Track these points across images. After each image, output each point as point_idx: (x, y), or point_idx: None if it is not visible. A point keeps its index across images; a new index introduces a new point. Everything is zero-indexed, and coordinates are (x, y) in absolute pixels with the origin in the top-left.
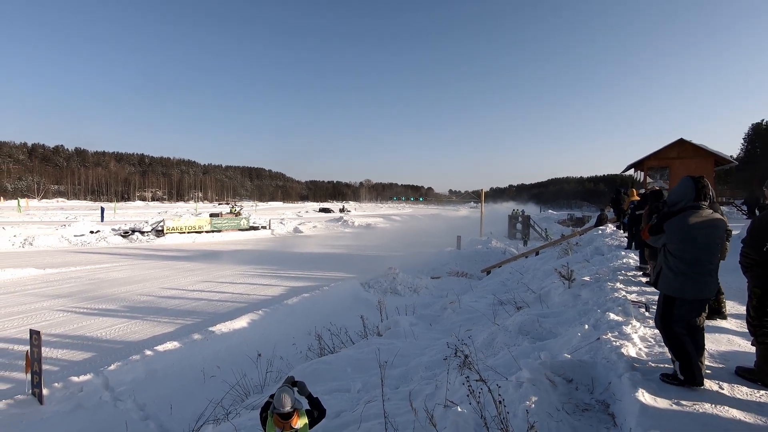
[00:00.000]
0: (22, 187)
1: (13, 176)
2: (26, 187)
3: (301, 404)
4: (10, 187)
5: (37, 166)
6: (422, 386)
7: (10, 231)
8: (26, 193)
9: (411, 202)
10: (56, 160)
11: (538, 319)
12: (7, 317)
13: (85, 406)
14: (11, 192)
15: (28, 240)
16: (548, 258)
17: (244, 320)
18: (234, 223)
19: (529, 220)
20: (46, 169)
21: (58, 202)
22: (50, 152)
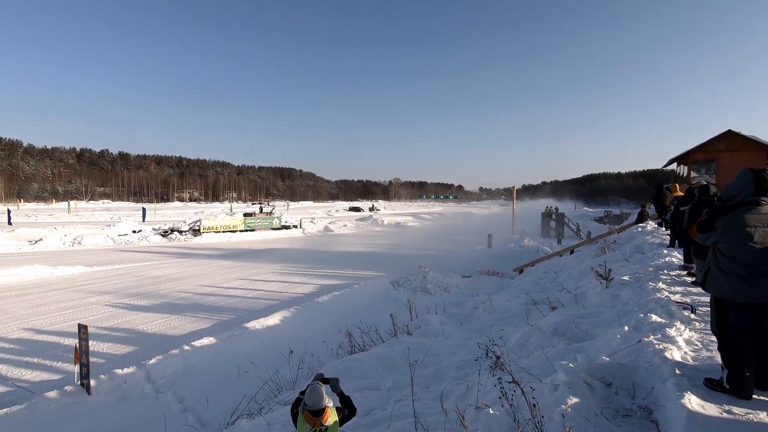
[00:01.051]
0: (72, 190)
1: (63, 179)
2: (75, 189)
3: (332, 401)
4: (61, 190)
5: (84, 170)
6: (453, 386)
7: (62, 231)
8: (75, 195)
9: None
10: (102, 163)
11: (574, 319)
12: (59, 312)
13: (129, 398)
14: (62, 194)
15: (77, 239)
16: (584, 257)
17: (277, 317)
18: (266, 223)
19: (563, 218)
20: (92, 173)
21: (104, 204)
22: (96, 156)
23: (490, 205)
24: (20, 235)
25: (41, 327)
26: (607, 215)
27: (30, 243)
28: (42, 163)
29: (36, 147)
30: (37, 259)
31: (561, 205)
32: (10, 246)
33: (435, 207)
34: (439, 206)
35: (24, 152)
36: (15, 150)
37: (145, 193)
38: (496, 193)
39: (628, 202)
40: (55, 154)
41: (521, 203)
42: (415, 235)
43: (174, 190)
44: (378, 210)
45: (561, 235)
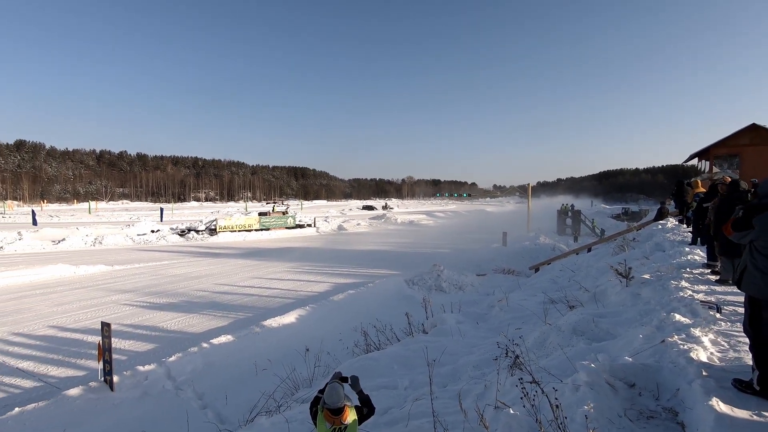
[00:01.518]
0: (92, 191)
1: (84, 180)
2: (95, 190)
3: (351, 400)
4: (82, 191)
5: (104, 171)
6: (471, 385)
7: (83, 231)
8: (95, 195)
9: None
10: (121, 164)
11: (594, 319)
12: (81, 310)
13: (150, 394)
14: (83, 195)
15: (98, 239)
16: (602, 255)
17: (293, 316)
18: (281, 222)
19: (579, 215)
20: (112, 174)
21: (123, 204)
22: (115, 158)
23: (504, 203)
24: (44, 235)
25: (65, 325)
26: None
27: (54, 243)
28: (64, 165)
29: (58, 149)
30: (61, 259)
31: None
32: (35, 246)
33: (449, 205)
34: (453, 204)
35: (47, 154)
36: (38, 152)
37: (162, 193)
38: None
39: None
40: (76, 156)
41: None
42: (429, 233)
43: (190, 190)
44: (391, 208)
45: (577, 233)
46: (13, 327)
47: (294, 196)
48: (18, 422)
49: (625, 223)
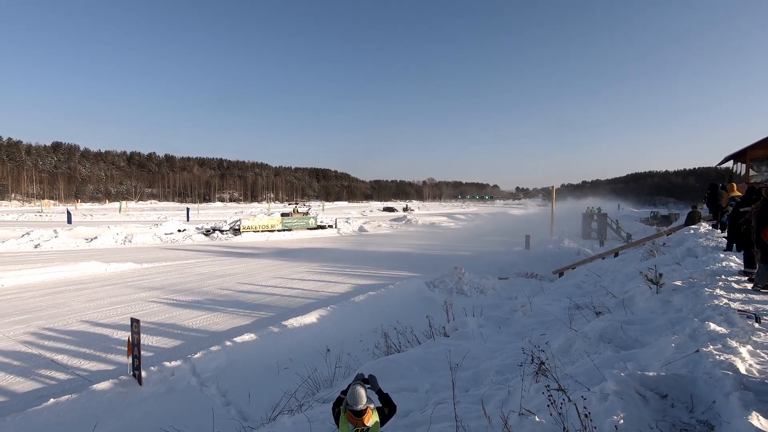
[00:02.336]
0: (123, 191)
1: (115, 181)
2: (126, 190)
3: (373, 402)
4: (113, 191)
5: (134, 172)
6: (494, 391)
7: (114, 230)
8: (126, 195)
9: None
10: (149, 166)
11: (622, 326)
12: (112, 306)
13: (176, 390)
14: (114, 195)
15: (127, 237)
16: (630, 260)
17: (314, 316)
18: (303, 223)
19: (606, 219)
20: (141, 174)
21: (151, 204)
22: (145, 159)
23: (527, 206)
24: (78, 234)
25: (96, 320)
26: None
27: (86, 241)
28: (96, 166)
29: (91, 151)
30: (93, 256)
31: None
32: (69, 243)
33: (470, 207)
34: (474, 206)
35: (81, 156)
36: (73, 154)
37: (188, 193)
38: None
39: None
40: (108, 158)
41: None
42: (449, 235)
43: (215, 190)
44: (412, 210)
45: (603, 237)
46: (49, 321)
47: (315, 198)
48: (53, 413)
49: (653, 228)
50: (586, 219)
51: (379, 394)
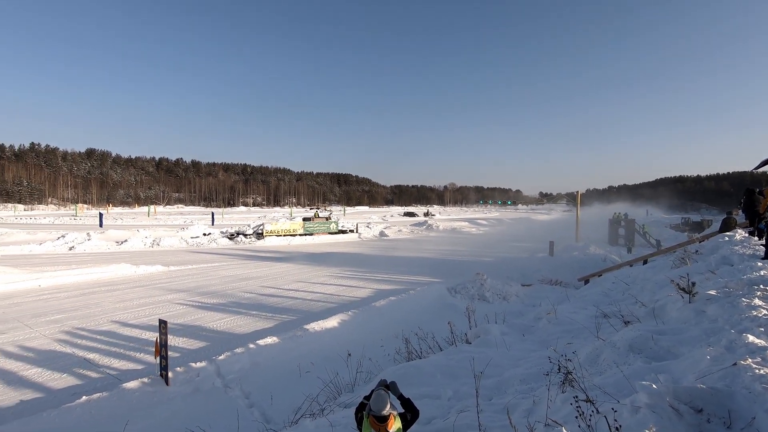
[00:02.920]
0: (151, 195)
1: (144, 186)
2: (154, 195)
3: (396, 408)
4: (143, 195)
5: (162, 177)
6: (518, 400)
7: (143, 233)
8: (154, 200)
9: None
10: (177, 171)
11: (653, 336)
12: (140, 307)
13: (201, 390)
14: (143, 199)
15: (155, 241)
16: (660, 267)
17: (335, 320)
18: (324, 227)
19: (633, 225)
20: (169, 180)
21: (178, 208)
22: (172, 164)
23: (551, 211)
24: (109, 236)
25: (126, 320)
26: (685, 222)
27: (117, 243)
28: (127, 171)
29: (122, 157)
30: (123, 258)
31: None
32: (101, 246)
33: (492, 212)
34: (496, 211)
35: (113, 162)
36: (105, 160)
37: (213, 198)
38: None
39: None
40: (138, 163)
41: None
42: (471, 241)
43: (239, 195)
44: (433, 215)
45: (631, 244)
46: (82, 321)
47: (337, 202)
48: (85, 410)
49: (685, 234)
50: (613, 225)
51: (401, 400)
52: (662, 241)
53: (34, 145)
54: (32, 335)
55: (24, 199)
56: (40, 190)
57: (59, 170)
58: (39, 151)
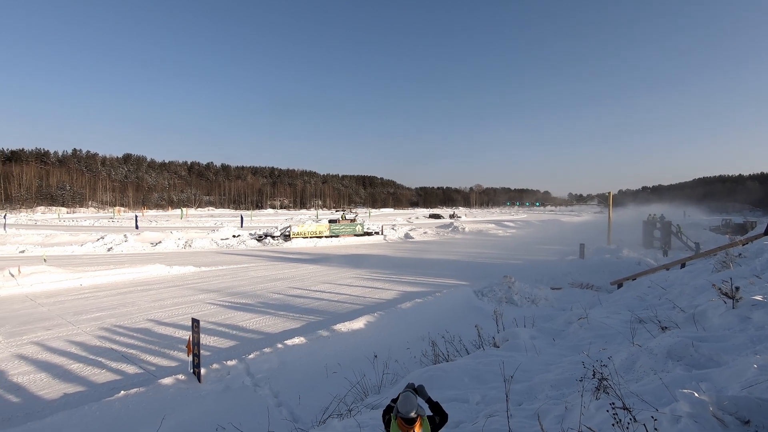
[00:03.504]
0: (184, 198)
1: (177, 189)
2: (186, 198)
3: (424, 410)
4: (175, 199)
5: (193, 181)
6: (549, 406)
7: (176, 234)
8: (186, 203)
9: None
10: (207, 175)
11: (693, 342)
12: (174, 306)
13: (232, 388)
14: (176, 202)
15: (188, 242)
16: (700, 271)
17: (361, 322)
18: (350, 229)
19: (670, 227)
20: (200, 183)
21: (209, 211)
22: (203, 168)
23: (581, 212)
24: (145, 238)
25: (160, 319)
26: (727, 224)
27: (152, 245)
28: (161, 175)
29: (157, 161)
30: (158, 259)
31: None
32: (137, 247)
33: (519, 214)
34: (523, 213)
35: (147, 166)
36: (141, 164)
37: (242, 200)
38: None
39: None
40: (171, 167)
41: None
42: (498, 243)
43: (267, 198)
44: (459, 217)
45: (668, 247)
46: (120, 319)
47: (362, 204)
48: (123, 404)
49: (726, 237)
50: (648, 227)
51: (429, 403)
52: (701, 244)
53: (76, 151)
54: (75, 332)
55: (66, 202)
56: (81, 193)
57: (98, 175)
58: (80, 157)
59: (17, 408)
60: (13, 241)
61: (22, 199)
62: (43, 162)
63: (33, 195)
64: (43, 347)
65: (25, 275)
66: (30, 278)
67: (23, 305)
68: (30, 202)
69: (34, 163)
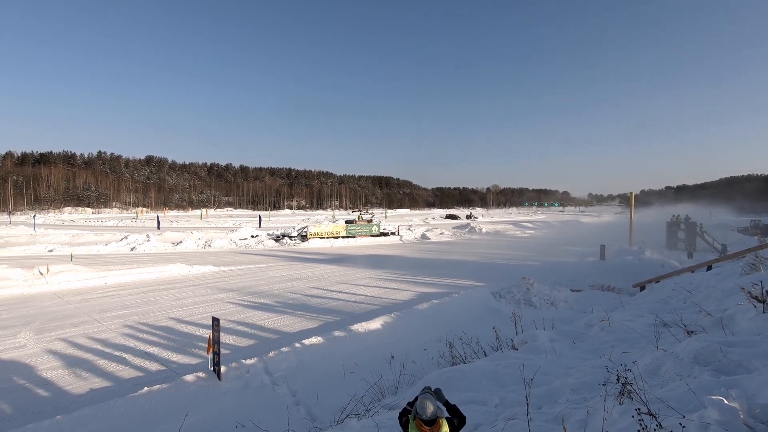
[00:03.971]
0: (203, 199)
1: (197, 190)
2: (206, 199)
3: (443, 412)
4: (195, 199)
5: (213, 182)
6: (570, 410)
7: (196, 235)
8: (206, 203)
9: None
10: (226, 176)
11: (721, 347)
12: (194, 305)
13: (251, 386)
14: (196, 203)
15: (207, 242)
16: (727, 274)
17: (378, 322)
18: (366, 230)
19: (695, 228)
20: (219, 184)
21: (228, 211)
22: (222, 169)
23: (601, 213)
24: (166, 238)
25: (181, 317)
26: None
27: (173, 244)
28: (181, 177)
29: (177, 163)
30: (179, 259)
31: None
32: (159, 247)
33: (537, 215)
34: (542, 214)
35: (169, 168)
36: (162, 166)
37: (260, 201)
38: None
39: None
40: (191, 169)
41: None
42: (516, 244)
43: (284, 198)
44: (476, 218)
45: (693, 248)
46: (143, 316)
47: (378, 205)
48: (147, 400)
49: (755, 239)
50: (671, 228)
51: (447, 406)
52: (728, 246)
53: (101, 153)
54: (100, 329)
55: (92, 203)
56: (105, 194)
57: (122, 176)
58: (105, 159)
59: (47, 402)
60: (42, 240)
61: (50, 200)
62: (70, 164)
63: (60, 196)
64: (71, 343)
65: (54, 274)
66: (58, 276)
67: (52, 302)
68: (58, 203)
69: (61, 166)
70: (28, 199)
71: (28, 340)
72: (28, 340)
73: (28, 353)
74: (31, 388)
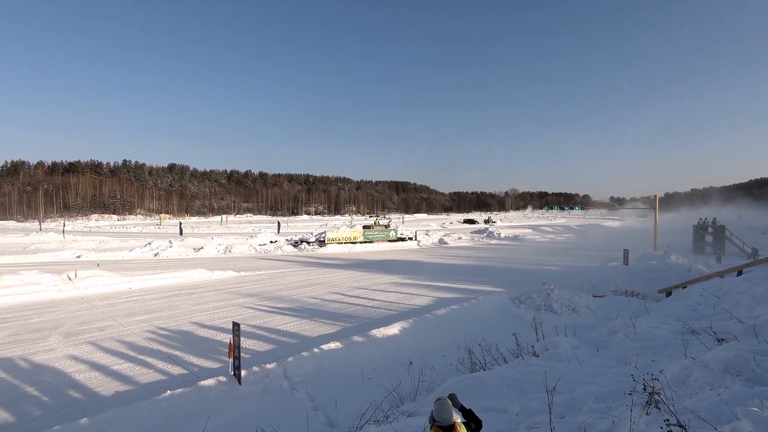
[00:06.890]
0: (224, 206)
1: (217, 197)
2: (226, 205)
3: (459, 417)
4: (216, 206)
5: (233, 188)
6: (594, 419)
7: (217, 240)
8: (226, 210)
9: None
10: (246, 182)
11: (754, 356)
12: (215, 310)
13: (270, 391)
14: (216, 209)
15: (227, 248)
16: (759, 279)
17: (396, 328)
18: (384, 235)
19: (724, 231)
20: (239, 190)
21: (247, 217)
22: (242, 176)
23: (624, 217)
24: (188, 244)
25: (203, 322)
26: None
27: (195, 250)
28: (203, 184)
29: (199, 170)
30: (200, 264)
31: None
32: (181, 252)
33: (557, 219)
34: (562, 218)
35: (190, 175)
36: (184, 173)
37: (279, 207)
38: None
39: None
40: (212, 176)
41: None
42: (535, 249)
43: (302, 204)
44: (494, 222)
45: (721, 253)
46: (166, 321)
47: (395, 210)
48: (170, 403)
49: None
50: (698, 231)
51: (462, 410)
52: (759, 250)
53: (126, 161)
54: (125, 332)
55: (117, 210)
56: (130, 201)
57: (146, 184)
58: (130, 167)
59: (76, 403)
60: (70, 246)
61: (78, 208)
62: (96, 173)
63: (88, 203)
64: (97, 347)
65: (81, 279)
66: (85, 281)
67: (80, 307)
68: (85, 210)
69: (89, 174)
70: (57, 207)
71: (58, 343)
72: (57, 343)
73: (57, 356)
74: (60, 390)
